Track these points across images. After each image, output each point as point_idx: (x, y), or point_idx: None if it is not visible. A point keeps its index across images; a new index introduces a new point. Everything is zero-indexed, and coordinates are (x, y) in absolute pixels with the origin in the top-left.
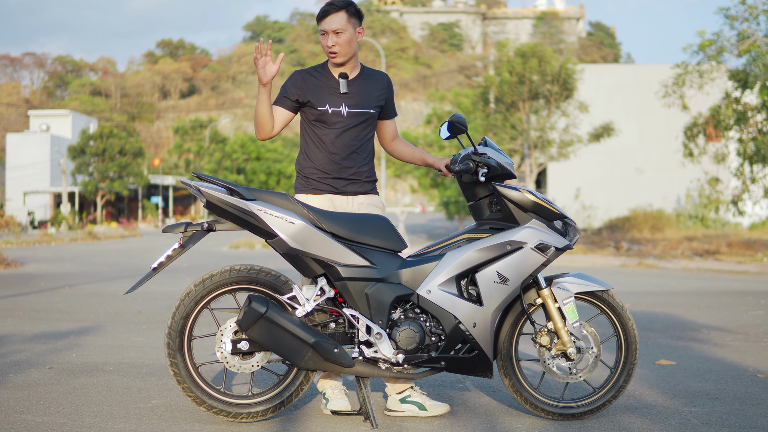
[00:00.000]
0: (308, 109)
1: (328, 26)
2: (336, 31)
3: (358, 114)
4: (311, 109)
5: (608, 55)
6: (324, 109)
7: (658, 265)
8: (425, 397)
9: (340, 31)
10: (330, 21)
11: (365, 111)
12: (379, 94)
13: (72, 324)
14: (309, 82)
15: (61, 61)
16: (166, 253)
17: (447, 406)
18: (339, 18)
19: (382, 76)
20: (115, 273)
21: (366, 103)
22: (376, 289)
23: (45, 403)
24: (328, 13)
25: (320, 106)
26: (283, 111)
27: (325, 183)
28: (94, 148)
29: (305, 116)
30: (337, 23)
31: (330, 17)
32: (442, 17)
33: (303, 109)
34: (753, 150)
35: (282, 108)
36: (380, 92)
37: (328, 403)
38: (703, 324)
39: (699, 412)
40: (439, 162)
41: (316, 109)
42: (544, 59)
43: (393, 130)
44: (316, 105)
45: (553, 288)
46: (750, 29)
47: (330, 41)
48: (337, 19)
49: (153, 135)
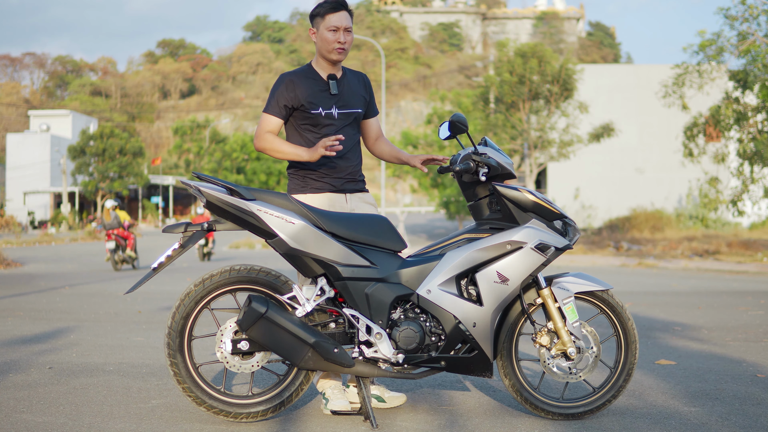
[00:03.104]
0: (299, 113)
1: (340, 23)
2: (347, 28)
3: (347, 114)
4: (303, 113)
5: (608, 55)
6: (317, 112)
7: (658, 265)
8: (383, 389)
9: (350, 29)
10: (343, 17)
11: (354, 111)
12: (363, 92)
13: (72, 324)
14: (299, 86)
15: (61, 61)
16: (166, 253)
17: (404, 397)
18: (348, 16)
19: (361, 75)
20: (115, 273)
21: (354, 102)
22: (376, 289)
23: (45, 403)
24: (342, 8)
25: (313, 109)
26: (278, 121)
27: (323, 182)
28: (94, 148)
29: (294, 120)
30: (348, 21)
31: (342, 13)
32: (442, 17)
33: (293, 114)
34: (753, 150)
35: (277, 118)
36: (363, 90)
37: (327, 403)
38: (703, 324)
39: (699, 412)
40: (414, 159)
41: (309, 113)
42: (544, 59)
43: (376, 128)
44: (309, 109)
45: (553, 288)
46: (750, 29)
47: (342, 38)
48: (347, 16)
49: (153, 135)
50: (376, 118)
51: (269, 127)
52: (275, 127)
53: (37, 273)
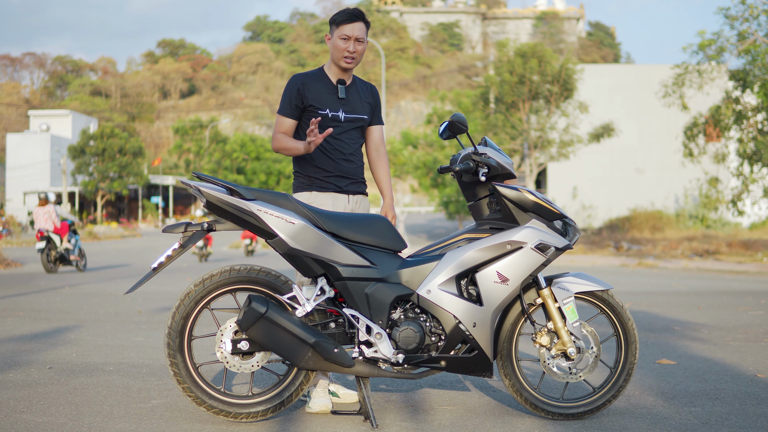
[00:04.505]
0: (308, 113)
1: (352, 32)
2: (359, 38)
3: (354, 119)
4: (311, 114)
5: (608, 55)
6: (324, 113)
7: (658, 265)
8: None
9: (362, 40)
10: (356, 27)
11: (360, 117)
12: (370, 101)
13: (72, 324)
14: (309, 86)
15: (61, 61)
16: (166, 253)
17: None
18: (362, 27)
19: (370, 87)
20: (115, 273)
21: (361, 109)
22: (376, 289)
23: (45, 403)
24: (357, 19)
25: (321, 110)
26: (290, 121)
27: (328, 181)
28: (94, 148)
29: (303, 121)
30: (360, 31)
31: (357, 23)
32: (442, 17)
33: (303, 114)
34: (753, 150)
35: (291, 119)
36: (370, 100)
37: (309, 401)
38: (703, 324)
39: (699, 412)
40: (385, 209)
41: (317, 113)
42: (544, 59)
43: (378, 137)
44: (317, 109)
45: (553, 288)
46: (750, 29)
47: (352, 47)
48: (361, 27)
49: (153, 135)
50: (379, 127)
51: (282, 128)
52: (288, 127)
53: (37, 273)
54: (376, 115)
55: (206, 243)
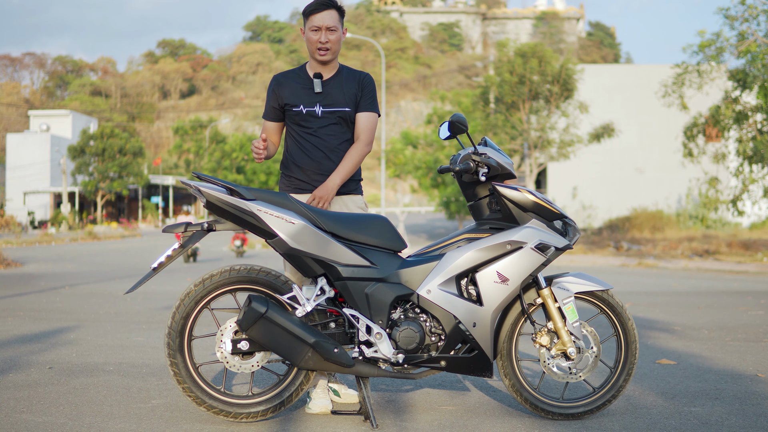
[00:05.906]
0: (286, 111)
1: (322, 22)
2: (330, 27)
3: (332, 113)
4: (288, 111)
5: (608, 55)
6: (299, 109)
7: (658, 265)
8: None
9: (333, 29)
10: (325, 17)
11: (340, 109)
12: (354, 91)
13: (72, 324)
14: (284, 84)
15: (61, 61)
16: (166, 253)
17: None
18: (332, 15)
19: (360, 75)
20: (115, 273)
21: (341, 101)
22: (376, 288)
23: (45, 403)
24: (324, 8)
25: (295, 107)
26: (272, 124)
27: (307, 182)
28: (94, 148)
29: (285, 119)
30: (331, 19)
31: (325, 13)
32: (442, 17)
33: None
34: (752, 150)
35: (272, 122)
36: (354, 90)
37: (309, 402)
38: (703, 324)
39: (699, 412)
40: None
41: (292, 110)
42: (544, 59)
43: (363, 124)
44: (291, 106)
45: (553, 288)
46: (750, 29)
47: (324, 37)
48: (332, 15)
49: (153, 135)
50: (366, 114)
51: (266, 132)
52: (270, 130)
53: (37, 273)
54: (364, 103)
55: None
